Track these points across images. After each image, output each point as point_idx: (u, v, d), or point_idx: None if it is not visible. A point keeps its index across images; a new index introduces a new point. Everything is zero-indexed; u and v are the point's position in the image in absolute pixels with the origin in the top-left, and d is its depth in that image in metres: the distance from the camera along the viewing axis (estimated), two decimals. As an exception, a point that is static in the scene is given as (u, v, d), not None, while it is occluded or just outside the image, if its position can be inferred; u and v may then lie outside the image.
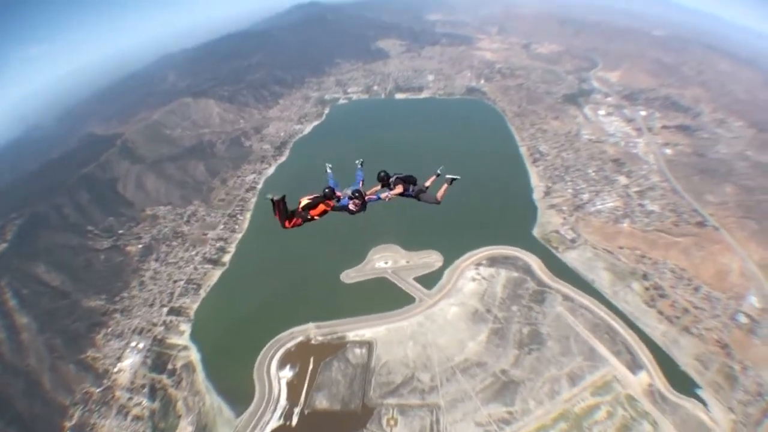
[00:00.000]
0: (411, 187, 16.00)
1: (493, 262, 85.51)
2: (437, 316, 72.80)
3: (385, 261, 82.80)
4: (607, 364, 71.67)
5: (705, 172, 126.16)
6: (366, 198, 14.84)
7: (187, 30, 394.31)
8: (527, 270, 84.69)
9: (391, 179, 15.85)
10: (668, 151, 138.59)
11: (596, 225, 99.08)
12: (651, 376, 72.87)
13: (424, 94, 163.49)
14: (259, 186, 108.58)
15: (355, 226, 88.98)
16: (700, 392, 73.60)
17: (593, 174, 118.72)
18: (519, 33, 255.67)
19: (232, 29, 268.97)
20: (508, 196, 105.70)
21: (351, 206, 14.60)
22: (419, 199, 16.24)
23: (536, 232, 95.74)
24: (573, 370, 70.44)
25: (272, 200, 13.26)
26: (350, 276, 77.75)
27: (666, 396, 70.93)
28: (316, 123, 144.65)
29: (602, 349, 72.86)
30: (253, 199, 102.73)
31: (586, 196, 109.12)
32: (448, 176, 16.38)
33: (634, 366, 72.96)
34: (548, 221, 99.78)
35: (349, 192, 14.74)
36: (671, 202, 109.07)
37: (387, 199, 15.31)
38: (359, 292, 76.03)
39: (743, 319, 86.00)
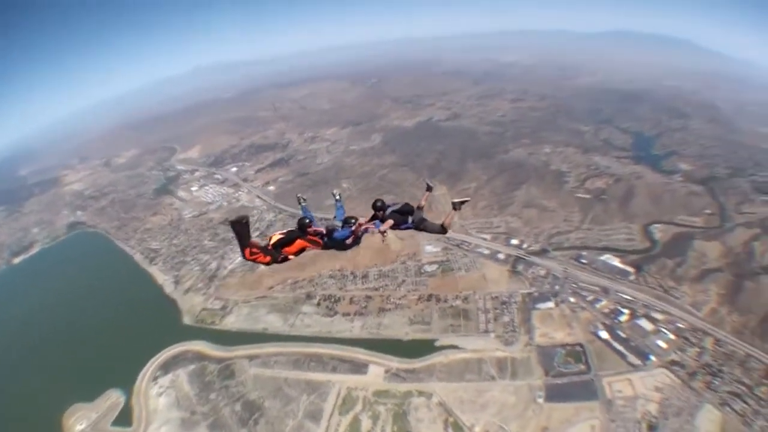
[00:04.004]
0: (409, 218, 15.14)
1: (166, 368, 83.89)
2: (152, 446, 71.51)
3: (80, 423, 75.51)
4: (332, 385, 76.49)
5: (316, 185, 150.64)
6: (361, 228, 14.25)
7: None
8: (201, 357, 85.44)
9: (385, 212, 14.98)
10: (272, 187, 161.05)
11: (236, 283, 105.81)
12: (380, 365, 79.63)
13: (35, 249, 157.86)
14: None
15: (34, 401, 79.33)
16: (440, 343, 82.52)
17: (210, 243, 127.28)
18: (97, 154, 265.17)
19: None
20: (141, 305, 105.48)
21: (351, 237, 13.85)
22: (421, 230, 15.33)
23: (187, 320, 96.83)
24: (307, 410, 73.18)
25: (230, 222, 12.74)
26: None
27: (411, 368, 78.09)
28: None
29: (318, 376, 78.40)
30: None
31: (213, 265, 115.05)
32: (455, 200, 15.02)
33: (359, 368, 79.58)
34: (192, 305, 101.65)
35: (339, 224, 13.97)
36: (295, 223, 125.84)
37: (383, 234, 14.33)
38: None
39: (431, 268, 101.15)
